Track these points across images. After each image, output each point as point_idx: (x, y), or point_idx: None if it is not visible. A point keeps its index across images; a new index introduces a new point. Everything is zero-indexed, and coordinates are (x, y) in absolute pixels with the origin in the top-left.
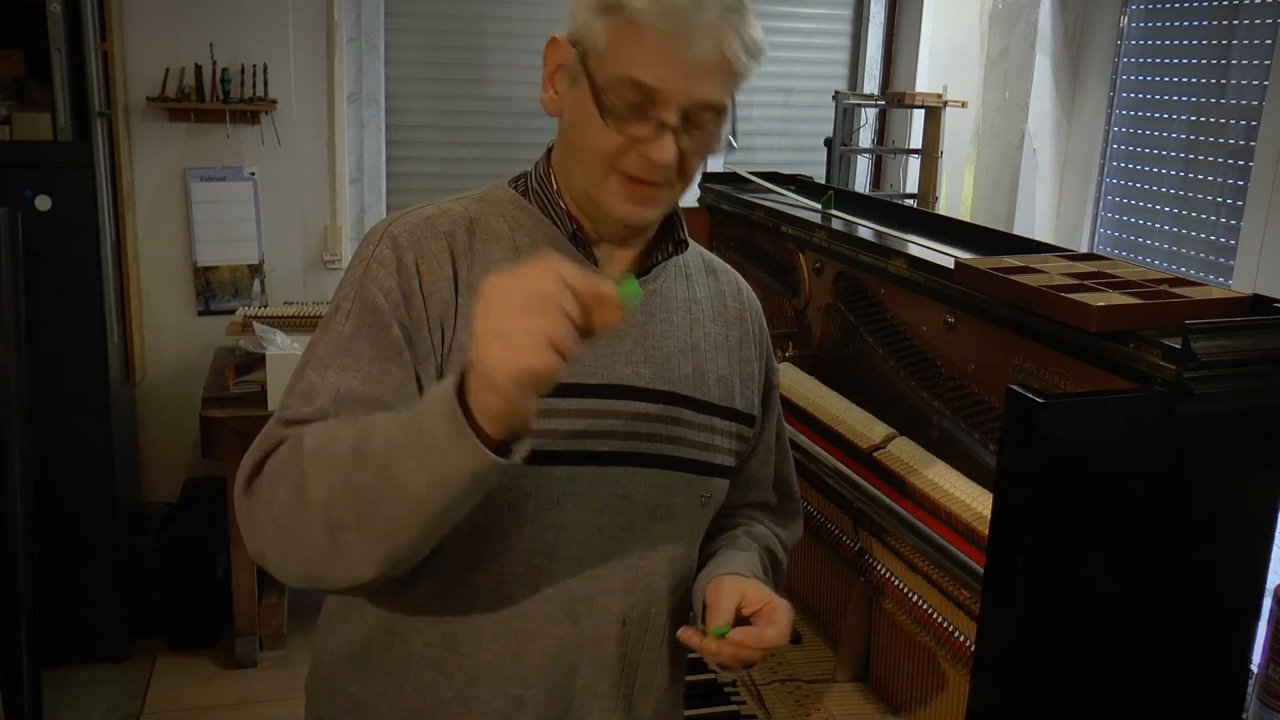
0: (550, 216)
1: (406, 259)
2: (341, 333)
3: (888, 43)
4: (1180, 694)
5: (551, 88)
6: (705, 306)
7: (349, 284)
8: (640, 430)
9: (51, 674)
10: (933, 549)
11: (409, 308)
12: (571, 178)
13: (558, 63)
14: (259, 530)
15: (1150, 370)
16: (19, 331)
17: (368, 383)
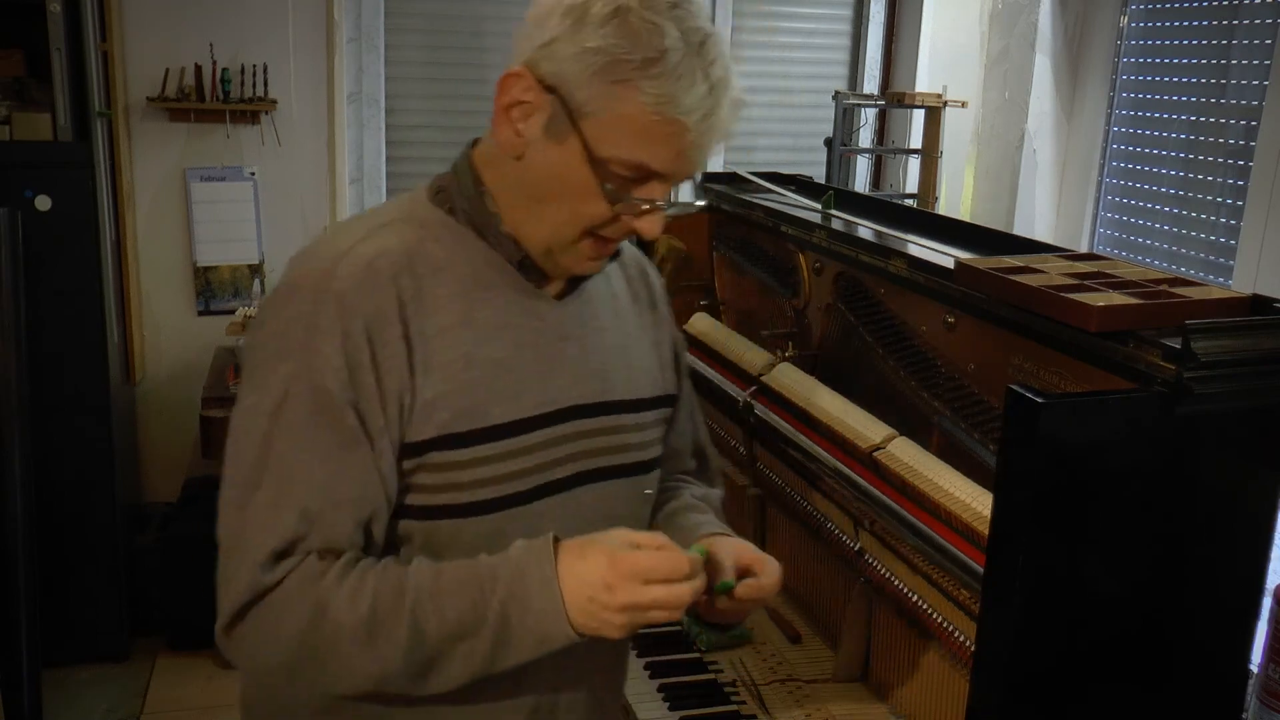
0: (488, 240)
1: (354, 325)
2: (293, 425)
3: (888, 43)
4: (1180, 694)
5: (509, 126)
6: (623, 298)
7: (293, 356)
8: (588, 448)
9: (51, 674)
10: (933, 549)
11: (358, 384)
12: (530, 222)
13: (518, 99)
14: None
15: (1150, 370)
16: (19, 331)
17: (333, 483)
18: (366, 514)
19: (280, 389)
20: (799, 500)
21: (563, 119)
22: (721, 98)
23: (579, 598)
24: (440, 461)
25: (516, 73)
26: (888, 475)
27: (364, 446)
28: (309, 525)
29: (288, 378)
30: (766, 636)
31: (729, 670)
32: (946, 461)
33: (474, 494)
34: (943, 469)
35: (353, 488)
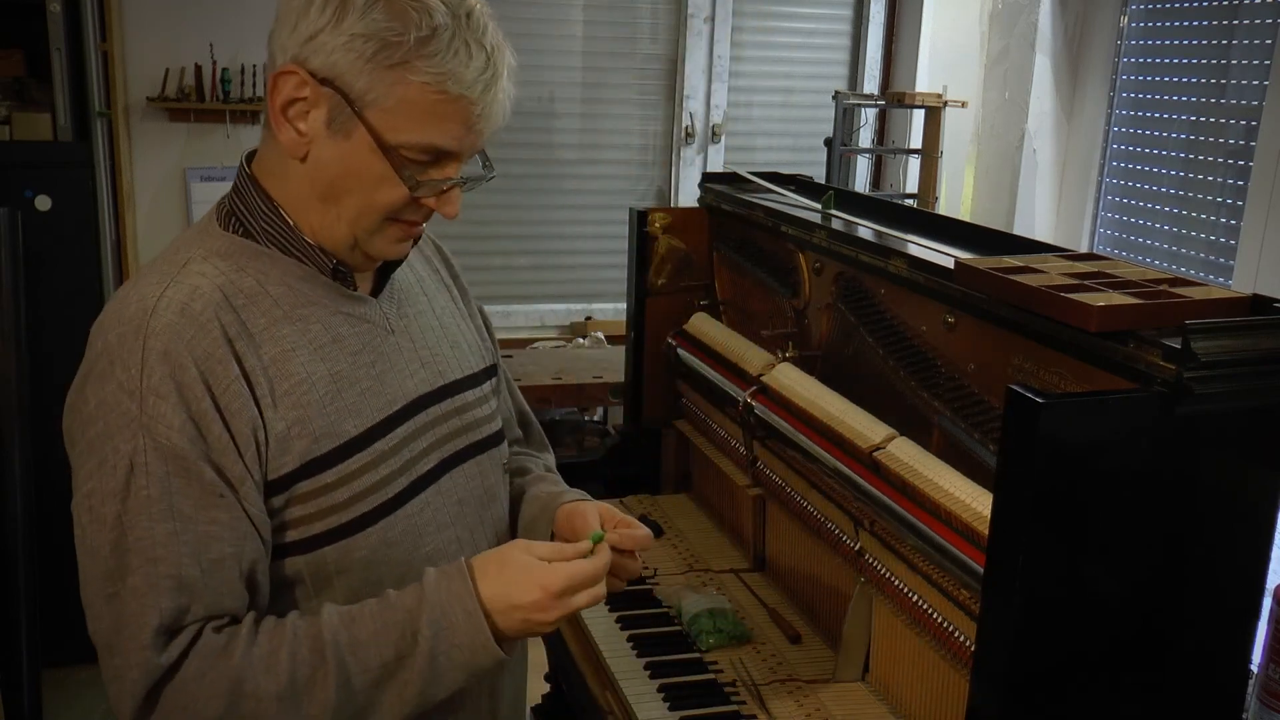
0: (295, 255)
1: (186, 376)
2: (148, 497)
3: (888, 43)
4: (1180, 694)
5: (289, 126)
6: (429, 280)
7: (127, 430)
8: (443, 434)
9: (51, 674)
10: (933, 549)
11: (206, 437)
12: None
13: (292, 98)
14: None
15: (1150, 370)
16: (19, 331)
17: (202, 546)
18: (246, 566)
19: (124, 465)
20: (799, 500)
21: (344, 112)
22: (500, 65)
23: (512, 621)
24: (309, 490)
25: (287, 70)
26: (888, 475)
27: (228, 498)
28: (190, 595)
29: (129, 453)
30: (766, 636)
31: (729, 670)
32: (946, 461)
33: (352, 511)
34: (943, 469)
35: (225, 544)
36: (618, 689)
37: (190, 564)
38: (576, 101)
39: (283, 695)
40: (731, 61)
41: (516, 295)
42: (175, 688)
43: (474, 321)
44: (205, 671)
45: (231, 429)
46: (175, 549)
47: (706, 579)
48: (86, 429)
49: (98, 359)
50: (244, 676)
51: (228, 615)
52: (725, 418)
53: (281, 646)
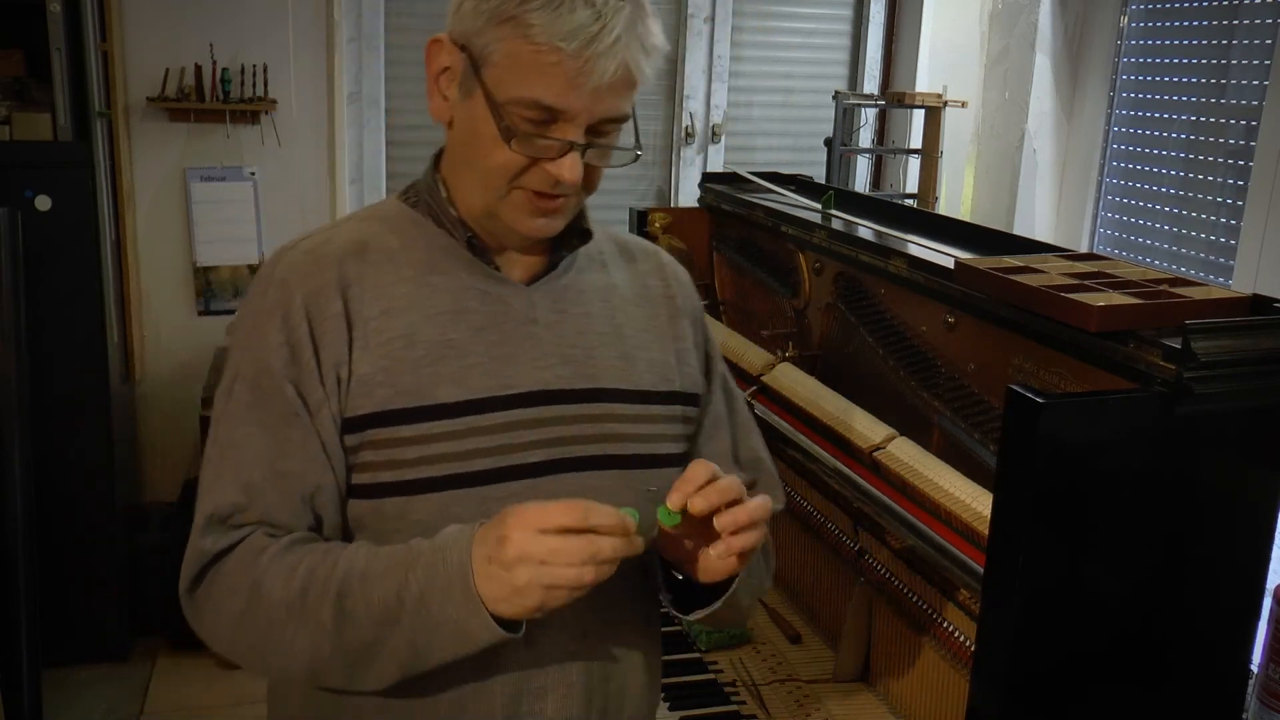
0: (443, 227)
1: (292, 304)
2: (239, 403)
3: (888, 43)
4: (1180, 694)
5: (439, 93)
6: (624, 290)
7: (240, 343)
8: (570, 434)
9: (51, 674)
10: (933, 549)
11: (298, 361)
12: (467, 189)
13: (443, 66)
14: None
15: (1150, 370)
16: (19, 331)
17: (271, 456)
18: (310, 488)
19: (233, 373)
20: (799, 500)
21: (470, 72)
22: (613, 23)
23: (480, 563)
24: (382, 438)
25: (437, 39)
26: (888, 475)
27: (303, 420)
28: (248, 496)
29: (239, 362)
30: (766, 636)
31: (729, 670)
32: (946, 461)
33: (418, 471)
34: (943, 469)
35: (293, 461)
36: None
37: (255, 469)
38: None
39: (290, 606)
40: (731, 61)
41: None
42: (215, 575)
43: (679, 345)
44: (237, 568)
45: (320, 358)
46: (246, 452)
47: None
48: (230, 345)
49: (250, 287)
50: (263, 580)
51: (283, 528)
52: None
53: (303, 560)
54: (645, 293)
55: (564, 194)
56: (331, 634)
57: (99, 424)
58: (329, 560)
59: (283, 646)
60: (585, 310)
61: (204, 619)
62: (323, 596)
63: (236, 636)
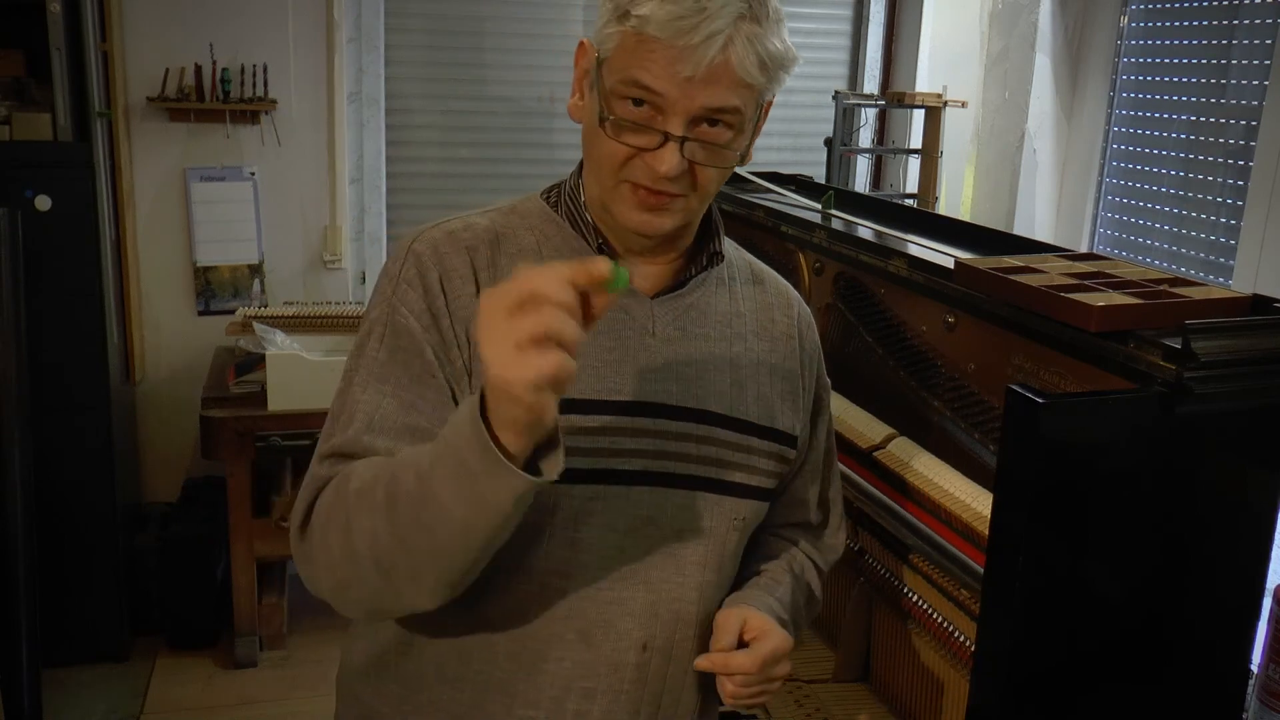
0: (578, 229)
1: (430, 276)
2: (375, 358)
3: (888, 43)
4: (1180, 694)
5: (579, 92)
6: (748, 320)
7: (379, 304)
8: (669, 449)
9: (51, 674)
10: (933, 549)
11: (438, 327)
12: (591, 186)
13: (584, 68)
14: (316, 575)
15: (1150, 370)
16: (19, 331)
17: (404, 409)
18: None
19: (366, 330)
20: None
21: (595, 69)
22: (713, 15)
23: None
24: None
25: (582, 43)
26: (888, 475)
27: (439, 379)
28: (376, 440)
29: (374, 320)
30: None
31: None
32: (946, 461)
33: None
34: (943, 469)
35: (423, 417)
36: None
37: (388, 420)
38: None
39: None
40: None
41: None
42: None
43: (789, 385)
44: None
45: (456, 331)
46: (379, 402)
47: None
48: (366, 309)
49: (390, 253)
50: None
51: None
52: None
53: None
54: (770, 326)
55: (668, 190)
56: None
57: (99, 424)
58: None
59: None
60: (705, 332)
61: (314, 545)
62: (378, 478)
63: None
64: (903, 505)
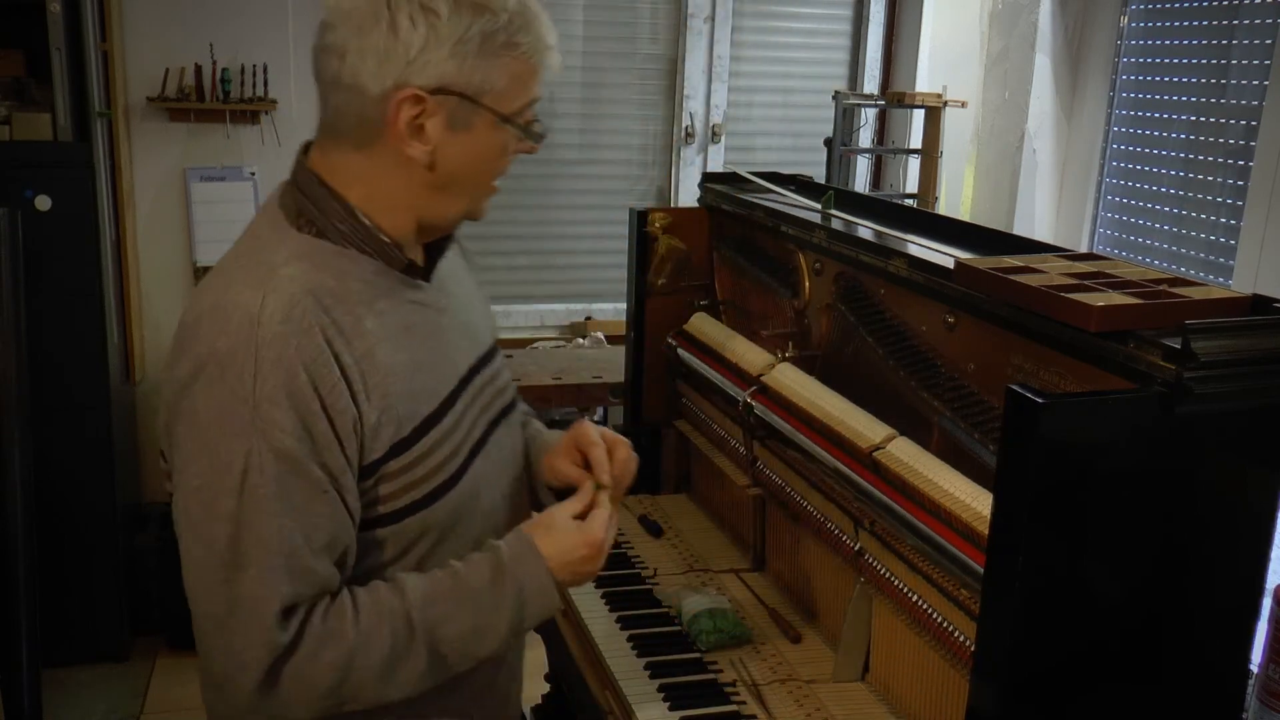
0: (370, 253)
1: (297, 384)
2: (265, 494)
3: (888, 43)
4: (1180, 694)
5: (418, 141)
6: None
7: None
8: (487, 398)
9: (51, 674)
10: (933, 549)
11: (313, 435)
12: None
13: (412, 115)
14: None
15: (1150, 370)
16: (19, 331)
17: (311, 537)
18: (341, 549)
19: (239, 465)
20: (799, 500)
21: (463, 109)
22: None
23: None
24: (395, 469)
25: (407, 95)
26: (888, 475)
27: (331, 493)
28: (302, 580)
29: (245, 454)
30: (766, 636)
31: (729, 670)
32: (946, 461)
33: (432, 482)
34: (943, 469)
35: (327, 533)
36: (618, 689)
37: (302, 552)
38: (576, 101)
39: (384, 664)
40: (731, 61)
41: (516, 295)
42: (294, 664)
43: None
44: (320, 649)
45: (335, 426)
46: (290, 539)
47: (706, 579)
48: (195, 430)
49: (205, 364)
50: (355, 651)
51: (328, 594)
52: (725, 418)
53: (382, 623)
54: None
55: None
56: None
57: (99, 424)
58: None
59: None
60: (452, 290)
61: (283, 703)
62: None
63: (328, 706)
64: (903, 505)
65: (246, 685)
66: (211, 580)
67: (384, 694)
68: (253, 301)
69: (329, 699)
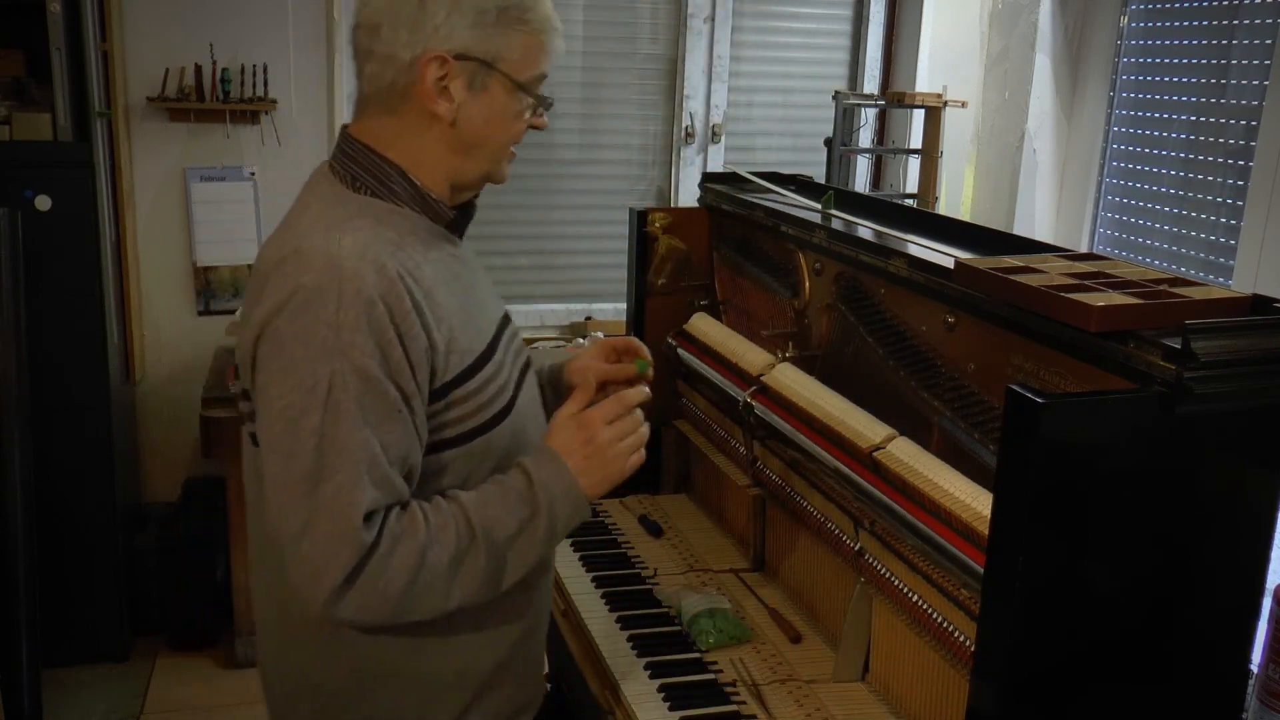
0: (421, 210)
1: (376, 312)
2: (346, 413)
3: (888, 43)
4: (1180, 694)
5: (444, 100)
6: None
7: (325, 357)
8: (518, 344)
9: (51, 674)
10: (933, 549)
11: (390, 360)
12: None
13: (439, 79)
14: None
15: (1150, 370)
16: (19, 331)
17: (387, 450)
18: (412, 464)
19: (324, 384)
20: (799, 500)
21: (481, 72)
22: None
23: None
24: (461, 394)
25: (433, 57)
26: (888, 475)
27: (404, 412)
28: (380, 488)
29: (329, 374)
30: (766, 636)
31: (729, 670)
32: (946, 461)
33: (491, 408)
34: (943, 469)
35: (401, 450)
36: (618, 689)
37: (381, 462)
38: (576, 101)
39: (450, 564)
40: (731, 61)
41: (516, 295)
42: (373, 565)
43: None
44: (395, 549)
45: (409, 352)
46: (370, 448)
47: (706, 579)
48: (281, 356)
49: (291, 297)
50: (426, 549)
51: (400, 503)
52: (725, 417)
53: (447, 524)
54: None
55: None
56: (484, 569)
57: (99, 424)
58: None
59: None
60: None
61: (361, 603)
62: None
63: (400, 605)
64: (903, 505)
65: (328, 586)
66: (297, 492)
67: (448, 597)
68: (331, 244)
69: (401, 601)
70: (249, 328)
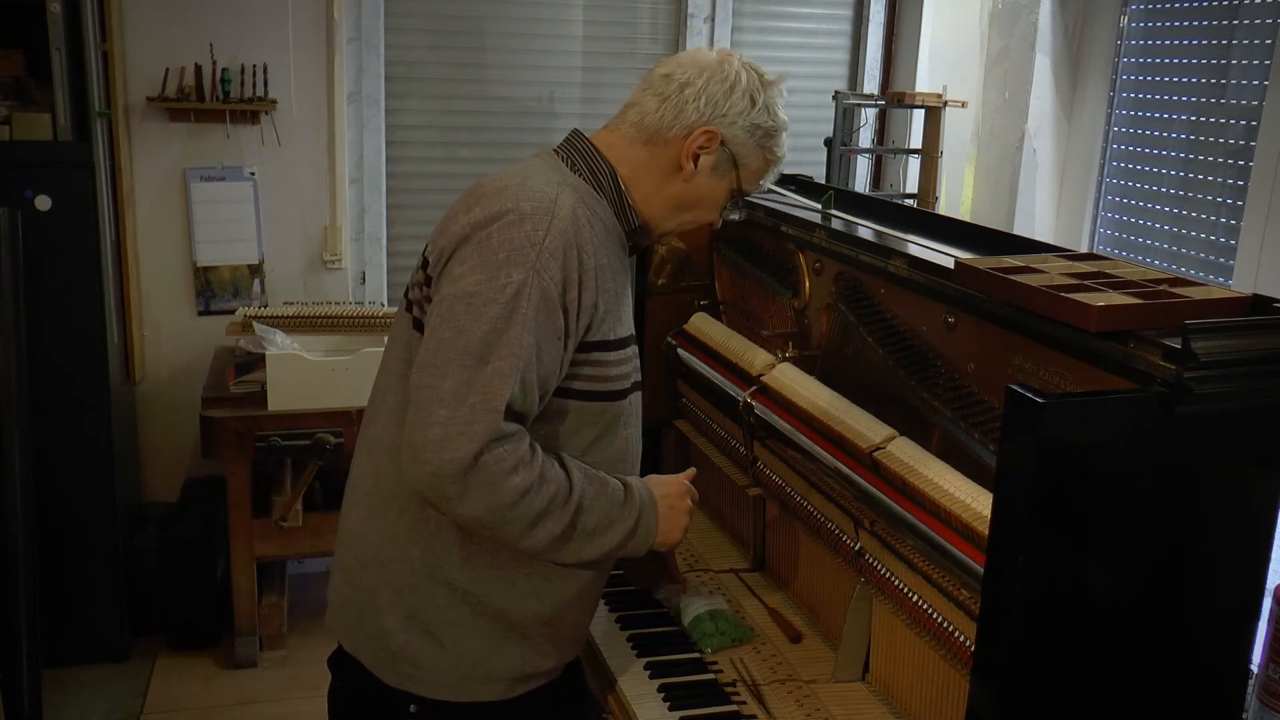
0: (616, 213)
1: (570, 254)
2: (526, 313)
3: (888, 43)
4: (1180, 694)
5: (689, 163)
6: None
7: (522, 265)
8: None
9: (51, 674)
10: (933, 549)
11: (569, 296)
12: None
13: (702, 148)
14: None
15: (1150, 370)
16: (19, 331)
17: (540, 364)
18: (549, 389)
19: (514, 287)
20: (799, 500)
21: (728, 164)
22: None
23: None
24: (600, 359)
25: (710, 131)
26: (888, 475)
27: (561, 341)
28: (524, 393)
29: (521, 282)
30: (766, 636)
31: (729, 670)
32: (946, 461)
33: (614, 385)
34: (943, 469)
35: (547, 369)
36: (618, 689)
37: (530, 371)
38: (576, 101)
39: (542, 511)
40: None
41: None
42: (496, 458)
43: None
44: (518, 464)
45: (581, 298)
46: (529, 355)
47: (706, 579)
48: (484, 254)
49: (507, 212)
50: (534, 486)
51: (528, 417)
52: (725, 418)
53: (557, 477)
54: None
55: None
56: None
57: (99, 424)
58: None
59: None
60: None
61: (480, 485)
62: (565, 507)
63: (502, 511)
64: (903, 505)
65: (452, 456)
66: (458, 363)
67: (524, 539)
68: (550, 188)
69: (497, 514)
70: (455, 228)
